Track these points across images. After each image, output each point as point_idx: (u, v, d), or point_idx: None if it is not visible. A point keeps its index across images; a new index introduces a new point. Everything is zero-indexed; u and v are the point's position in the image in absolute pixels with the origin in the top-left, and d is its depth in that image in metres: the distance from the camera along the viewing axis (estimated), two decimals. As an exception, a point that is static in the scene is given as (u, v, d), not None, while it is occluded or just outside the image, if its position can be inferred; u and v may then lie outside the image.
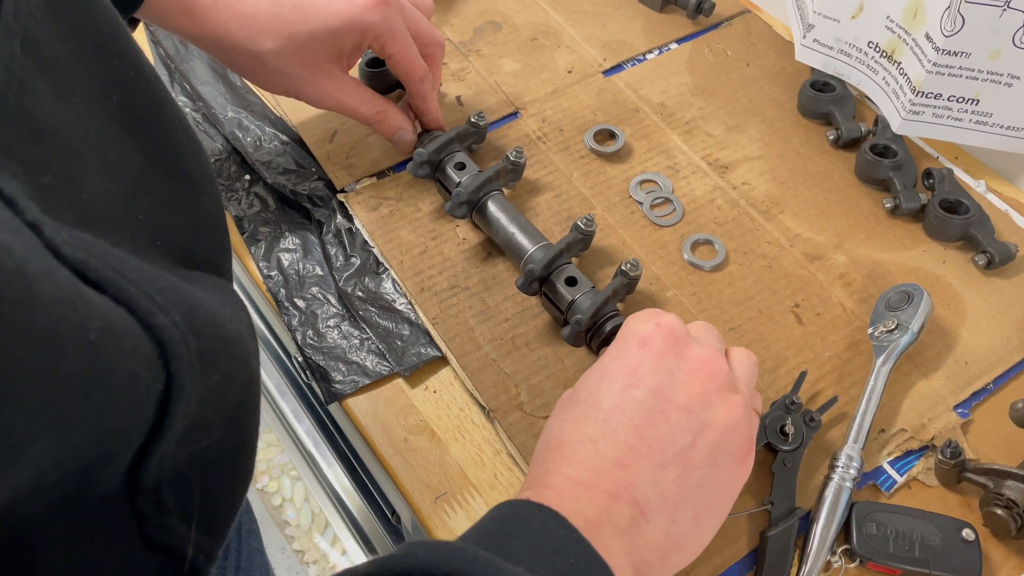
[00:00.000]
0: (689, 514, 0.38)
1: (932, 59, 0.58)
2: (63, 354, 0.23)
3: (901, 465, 0.50)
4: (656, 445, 0.38)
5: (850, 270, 0.58)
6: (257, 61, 0.54)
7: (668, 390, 0.40)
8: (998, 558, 0.47)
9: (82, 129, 0.28)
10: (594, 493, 0.37)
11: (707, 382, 0.40)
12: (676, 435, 0.39)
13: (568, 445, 0.39)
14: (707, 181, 0.63)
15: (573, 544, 0.34)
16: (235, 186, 0.61)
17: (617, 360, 0.41)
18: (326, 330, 0.55)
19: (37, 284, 0.22)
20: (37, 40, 0.27)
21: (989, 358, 0.54)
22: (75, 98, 0.29)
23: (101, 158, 0.29)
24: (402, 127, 0.59)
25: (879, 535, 0.46)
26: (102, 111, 0.30)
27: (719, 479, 0.40)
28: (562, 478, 0.38)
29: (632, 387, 0.40)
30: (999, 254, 0.57)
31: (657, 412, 0.39)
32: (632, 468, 0.37)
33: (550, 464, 0.39)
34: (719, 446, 0.39)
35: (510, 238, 0.55)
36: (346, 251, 0.58)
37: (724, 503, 0.41)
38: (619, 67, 0.71)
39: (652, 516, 0.37)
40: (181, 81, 0.68)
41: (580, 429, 0.39)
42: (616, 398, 0.39)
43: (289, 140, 0.63)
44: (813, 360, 0.54)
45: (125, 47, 0.33)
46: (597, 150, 0.64)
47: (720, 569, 0.46)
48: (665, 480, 0.38)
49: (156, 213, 0.32)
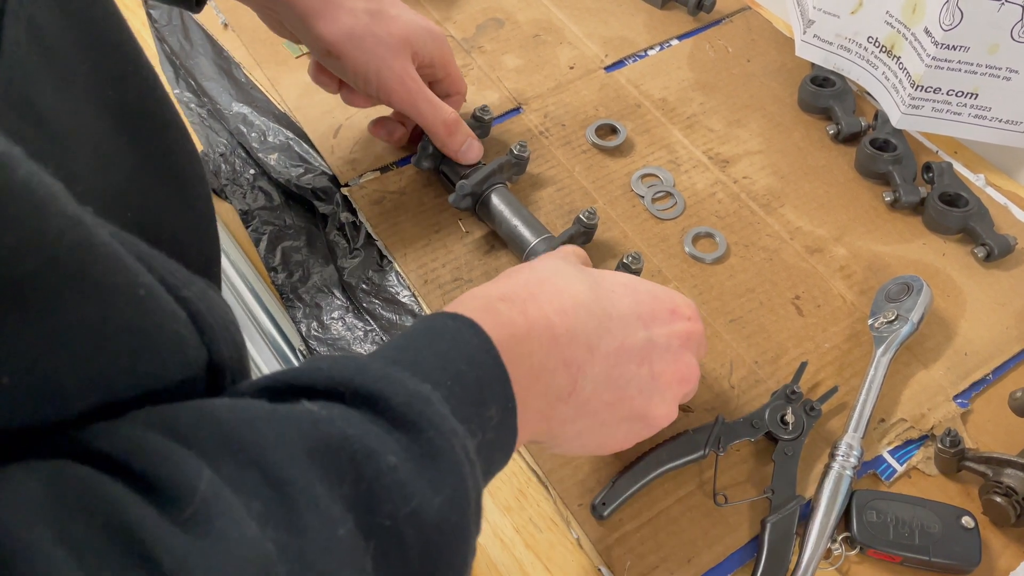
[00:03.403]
0: (603, 409, 0.40)
1: (931, 53, 0.59)
2: (115, 305, 0.23)
3: (901, 454, 0.50)
4: (616, 370, 0.40)
5: (850, 262, 0.59)
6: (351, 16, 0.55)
7: (655, 357, 0.41)
8: (997, 546, 0.47)
9: (79, 121, 0.29)
10: (555, 348, 0.37)
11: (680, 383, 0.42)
12: (625, 330, 0.40)
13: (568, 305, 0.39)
14: (708, 175, 0.63)
15: (484, 355, 0.33)
16: (240, 180, 0.62)
17: (647, 294, 0.43)
18: (330, 322, 0.55)
19: (94, 234, 0.22)
20: (41, 28, 0.27)
21: (988, 349, 0.55)
22: (74, 89, 0.29)
23: (95, 152, 0.29)
24: (470, 136, 0.59)
25: (879, 522, 0.46)
26: (98, 105, 0.30)
27: (634, 407, 0.41)
28: (540, 317, 0.37)
29: (641, 324, 0.41)
30: (998, 246, 0.58)
31: (638, 356, 0.41)
32: (576, 326, 0.38)
33: (533, 300, 0.38)
34: (652, 375, 0.41)
35: (513, 230, 0.56)
36: (350, 244, 0.59)
37: (628, 430, 0.42)
38: (621, 63, 0.71)
39: (580, 379, 0.38)
40: (186, 77, 0.68)
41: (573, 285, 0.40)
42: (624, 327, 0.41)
43: (293, 135, 0.64)
44: (813, 351, 0.54)
45: (125, 43, 0.33)
46: (599, 144, 0.64)
47: (721, 557, 0.46)
48: (602, 353, 0.39)
49: (145, 212, 0.32)
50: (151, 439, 0.24)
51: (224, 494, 0.23)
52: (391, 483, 0.27)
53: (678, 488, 0.48)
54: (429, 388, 0.30)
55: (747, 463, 0.50)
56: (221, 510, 0.23)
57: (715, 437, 0.48)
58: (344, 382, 0.29)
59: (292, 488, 0.25)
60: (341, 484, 0.26)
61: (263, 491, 0.24)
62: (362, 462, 0.27)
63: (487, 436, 0.32)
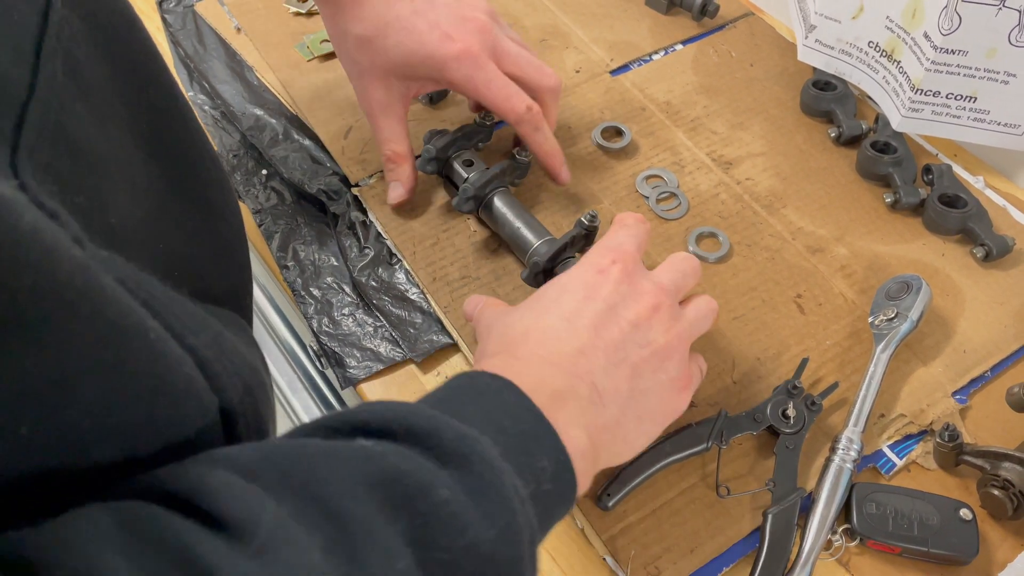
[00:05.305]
0: (635, 413, 0.42)
1: (931, 57, 0.60)
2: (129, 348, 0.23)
3: (900, 449, 0.51)
4: (611, 346, 0.42)
5: (851, 262, 0.60)
6: (342, 37, 0.57)
7: (620, 308, 0.43)
8: (995, 538, 0.48)
9: (113, 152, 0.29)
10: (558, 370, 0.40)
11: (653, 311, 0.44)
12: (627, 343, 0.42)
13: (533, 333, 0.42)
14: (711, 176, 0.65)
15: (525, 412, 0.35)
16: (252, 180, 0.63)
17: (576, 279, 0.45)
18: (341, 318, 0.56)
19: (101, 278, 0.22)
20: (77, 62, 0.28)
21: (987, 347, 0.56)
22: (110, 122, 0.30)
23: (129, 183, 0.30)
24: (399, 180, 0.59)
25: (879, 514, 0.47)
26: (132, 137, 0.31)
27: (659, 395, 0.43)
28: (529, 354, 0.41)
29: (590, 299, 0.43)
30: (997, 247, 0.59)
31: (611, 321, 0.43)
32: (591, 358, 0.41)
33: (515, 347, 0.42)
34: (660, 366, 0.43)
35: (515, 232, 0.57)
36: (360, 243, 0.60)
37: (662, 417, 0.44)
38: (626, 67, 0.72)
39: (607, 402, 0.41)
40: (200, 80, 0.70)
41: (544, 322, 0.42)
42: (576, 305, 0.43)
43: (305, 136, 0.65)
44: (815, 348, 0.55)
45: (160, 76, 0.34)
46: (604, 146, 0.66)
47: (723, 547, 0.47)
48: (618, 376, 0.41)
49: (175, 240, 0.33)
50: (216, 476, 0.25)
51: (289, 525, 0.24)
52: (446, 516, 0.28)
53: (681, 480, 0.49)
54: (477, 432, 0.32)
55: (749, 456, 0.51)
56: (287, 541, 0.24)
57: (718, 431, 0.49)
58: (396, 420, 0.30)
59: (351, 522, 0.26)
60: (398, 519, 0.27)
61: (324, 524, 0.25)
62: (416, 496, 0.28)
63: (543, 487, 0.34)
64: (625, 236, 0.47)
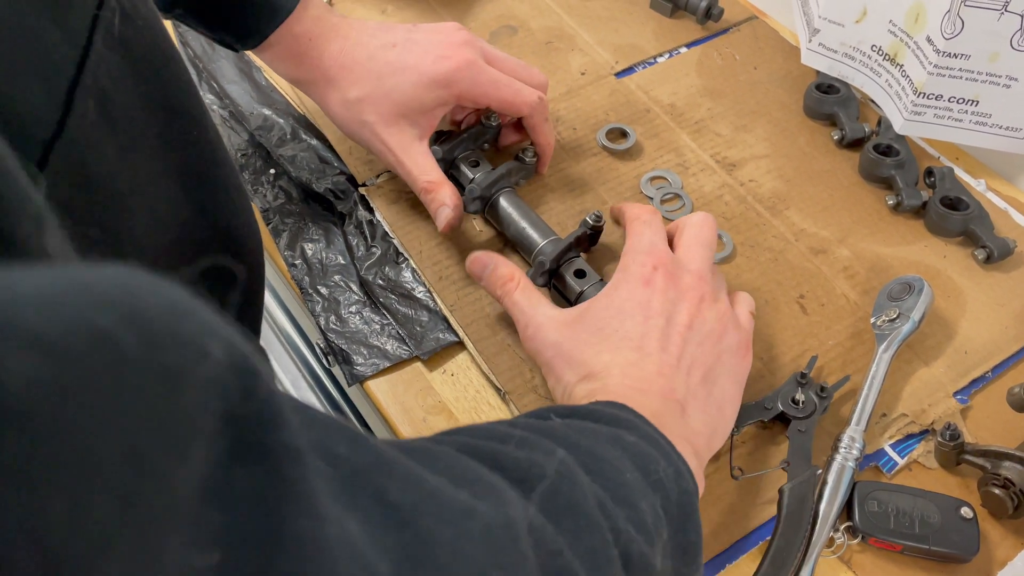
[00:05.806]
0: (715, 405, 0.46)
1: (933, 61, 0.61)
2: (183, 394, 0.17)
3: (902, 448, 0.52)
4: (678, 357, 0.46)
5: (853, 263, 0.60)
6: (343, 107, 0.57)
7: (674, 316, 0.47)
8: (995, 537, 0.49)
9: (137, 184, 0.30)
10: (649, 395, 0.44)
11: (700, 302, 0.48)
12: (688, 346, 0.47)
13: (614, 368, 0.45)
14: (715, 178, 0.65)
15: (645, 425, 0.40)
16: (261, 179, 0.64)
17: (629, 300, 0.48)
18: (348, 316, 0.57)
19: None
20: (111, 99, 0.28)
21: (988, 347, 0.56)
22: (136, 154, 0.30)
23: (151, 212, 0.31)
24: (444, 204, 0.57)
25: (880, 512, 0.48)
26: (161, 167, 0.32)
27: (729, 373, 0.48)
28: (620, 386, 0.44)
29: (649, 318, 0.47)
30: (998, 249, 0.59)
31: (672, 332, 0.47)
32: (669, 376, 0.45)
33: (606, 379, 0.45)
34: (722, 348, 0.48)
35: (521, 232, 0.57)
36: (367, 241, 0.60)
37: (737, 391, 0.49)
38: (631, 69, 0.73)
39: (691, 410, 0.45)
40: (209, 80, 0.70)
41: (621, 356, 0.46)
42: (640, 329, 0.47)
43: (312, 136, 0.66)
44: (817, 348, 0.56)
45: (192, 108, 0.35)
46: (609, 148, 0.66)
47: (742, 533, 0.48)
48: (692, 382, 0.46)
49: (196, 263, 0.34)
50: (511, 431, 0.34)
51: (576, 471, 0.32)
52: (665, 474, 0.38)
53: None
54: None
55: (761, 449, 0.51)
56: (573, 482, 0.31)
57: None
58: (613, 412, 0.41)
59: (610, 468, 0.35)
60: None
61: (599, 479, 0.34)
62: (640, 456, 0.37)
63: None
64: (651, 234, 0.51)
